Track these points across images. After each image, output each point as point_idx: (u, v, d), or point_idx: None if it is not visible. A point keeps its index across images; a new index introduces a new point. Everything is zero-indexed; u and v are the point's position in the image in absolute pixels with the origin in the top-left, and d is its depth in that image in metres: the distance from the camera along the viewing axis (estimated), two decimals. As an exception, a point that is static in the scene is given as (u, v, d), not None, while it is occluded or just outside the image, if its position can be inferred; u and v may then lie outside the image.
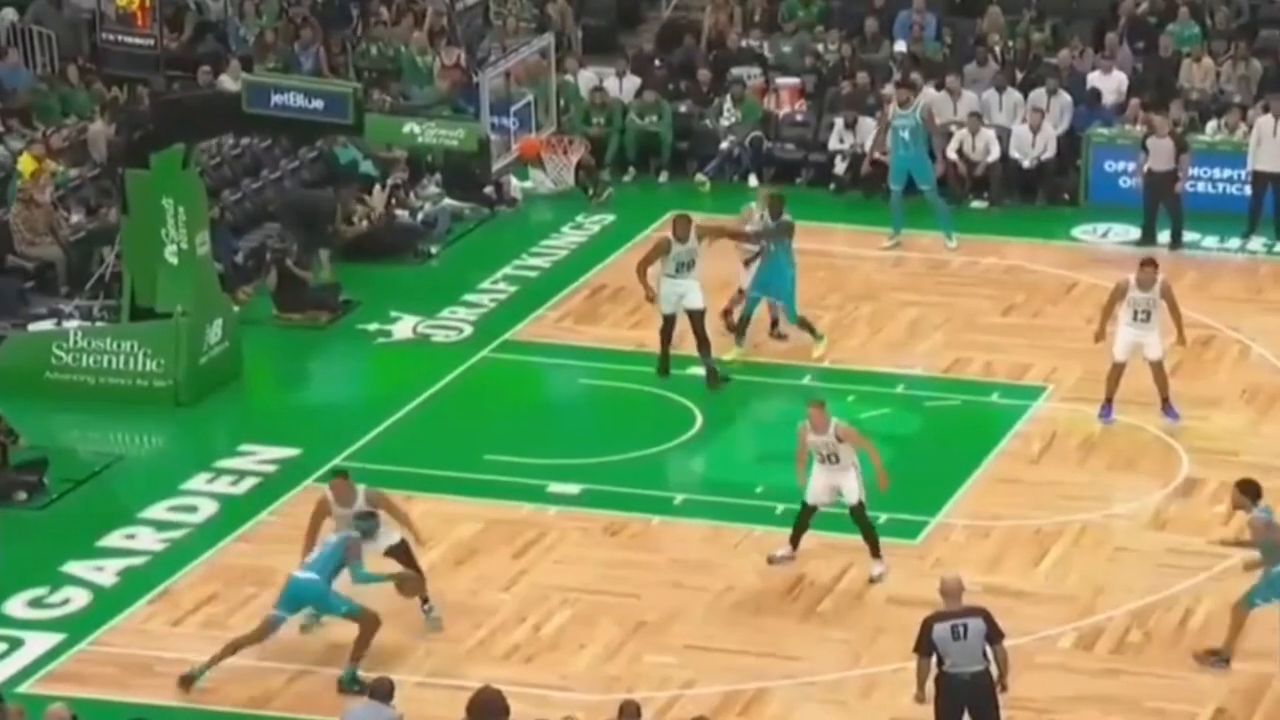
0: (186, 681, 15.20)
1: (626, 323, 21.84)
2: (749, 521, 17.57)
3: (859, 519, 16.57)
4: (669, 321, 20.08)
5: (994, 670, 13.64)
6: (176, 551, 17.24)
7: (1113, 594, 16.39)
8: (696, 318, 19.95)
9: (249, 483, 18.37)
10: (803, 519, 16.73)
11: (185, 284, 20.01)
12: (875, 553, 16.59)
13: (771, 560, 16.77)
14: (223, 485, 18.34)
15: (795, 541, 16.77)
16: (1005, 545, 17.15)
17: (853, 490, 16.49)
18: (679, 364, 20.34)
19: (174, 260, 19.98)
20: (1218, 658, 15.41)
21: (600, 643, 15.87)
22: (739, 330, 20.60)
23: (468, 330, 21.78)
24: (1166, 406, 19.09)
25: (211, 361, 20.25)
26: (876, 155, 24.39)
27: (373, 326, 21.81)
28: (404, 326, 21.82)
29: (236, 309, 21.28)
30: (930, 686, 13.71)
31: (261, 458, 18.77)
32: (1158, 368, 19.06)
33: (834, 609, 16.31)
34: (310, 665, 15.57)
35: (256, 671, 15.45)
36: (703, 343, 19.98)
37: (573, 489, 18.08)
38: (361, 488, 16.00)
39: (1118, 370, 19.03)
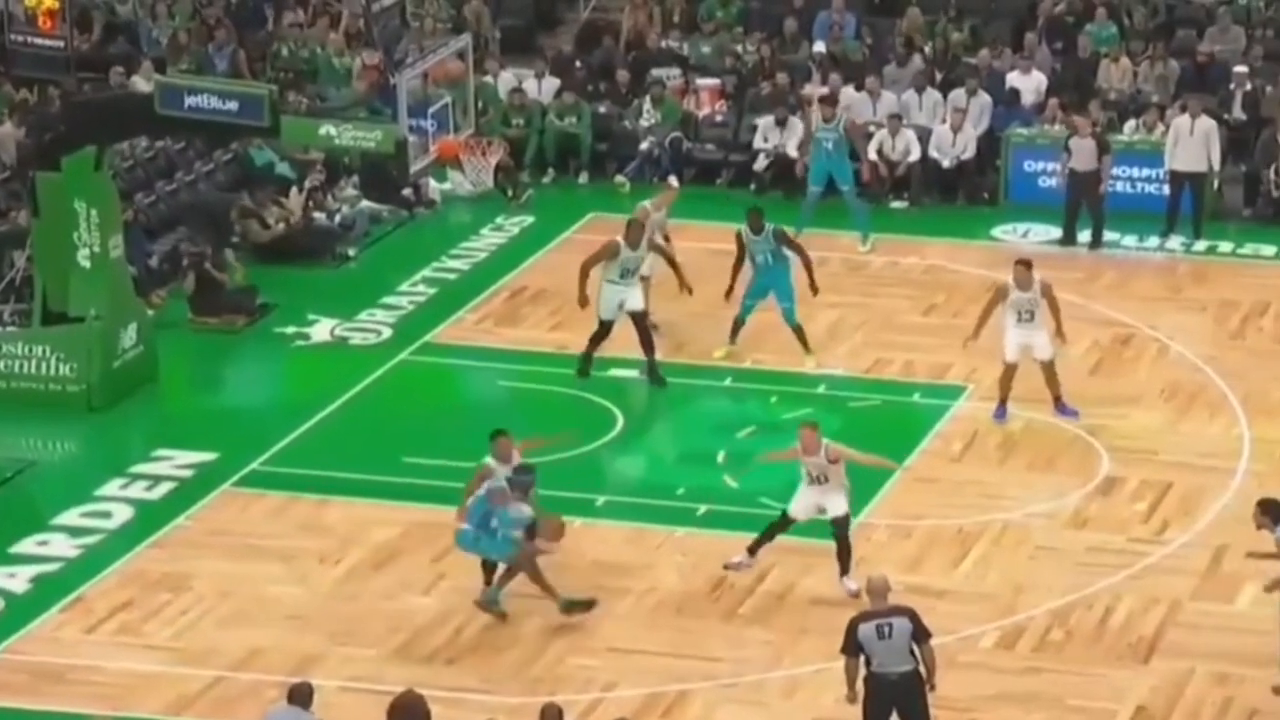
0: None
1: (547, 324, 21.85)
2: (671, 523, 17.61)
3: (839, 533, 16.36)
4: (605, 327, 20.03)
5: (922, 670, 13.70)
6: (90, 558, 17.13)
7: (1034, 593, 16.51)
8: (638, 319, 19.96)
9: (164, 488, 18.28)
10: (774, 530, 16.53)
11: (98, 288, 19.88)
12: (845, 570, 16.39)
13: (728, 567, 16.62)
14: (137, 490, 18.24)
15: (755, 549, 16.55)
16: (927, 545, 17.25)
17: (839, 505, 16.34)
18: (599, 365, 20.36)
19: (86, 264, 19.85)
20: None
21: (522, 645, 15.86)
22: (733, 332, 20.57)
23: (386, 333, 21.73)
24: (1059, 405, 19.25)
25: (125, 365, 20.13)
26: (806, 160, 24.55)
27: (290, 329, 21.74)
28: (322, 329, 21.75)
29: (151, 313, 21.17)
30: (860, 687, 13.75)
31: (177, 462, 18.68)
32: (1047, 368, 19.21)
33: (756, 610, 16.36)
34: (226, 671, 15.50)
35: (172, 677, 15.37)
36: (647, 343, 19.98)
37: (493, 492, 18.04)
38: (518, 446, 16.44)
39: (1010, 371, 19.22)
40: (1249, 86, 25.89)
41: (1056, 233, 24.07)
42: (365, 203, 24.90)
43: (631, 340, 20.24)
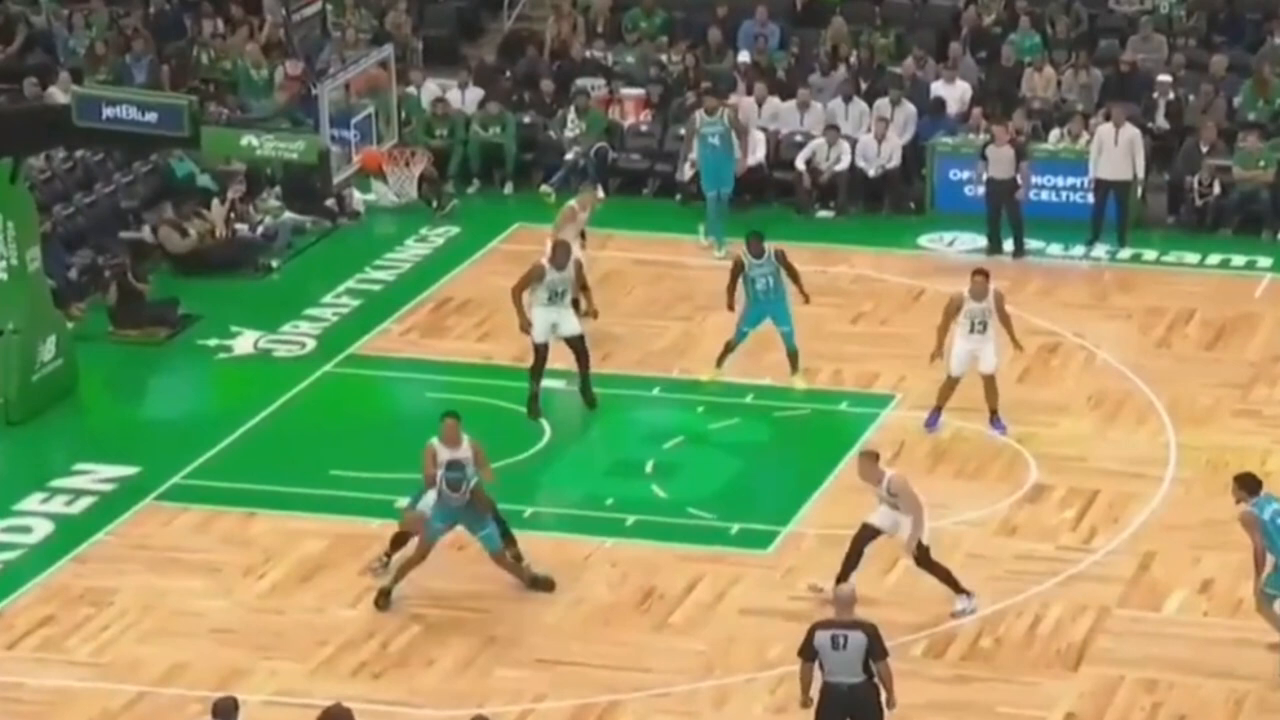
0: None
1: (473, 335, 21.81)
2: (599, 534, 17.60)
3: (921, 564, 16.26)
4: (541, 352, 19.69)
5: (878, 683, 13.71)
6: (10, 573, 16.98)
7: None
8: (576, 342, 19.68)
9: (85, 502, 18.14)
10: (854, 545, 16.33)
11: (16, 300, 19.72)
12: (957, 589, 16.26)
13: (814, 589, 16.46)
14: (58, 505, 18.09)
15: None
16: (856, 553, 17.27)
17: (904, 535, 16.17)
18: (526, 376, 20.28)
19: (4, 276, 19.68)
20: None
21: (450, 658, 15.82)
22: (721, 356, 20.16)
23: (310, 345, 21.64)
24: (994, 419, 19.28)
25: (44, 379, 19.96)
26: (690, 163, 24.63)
27: (213, 342, 21.62)
28: (245, 341, 21.64)
29: (70, 325, 21.00)
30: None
31: (98, 476, 18.54)
32: (990, 381, 19.25)
33: (685, 620, 16.37)
34: (149, 686, 15.38)
35: (95, 693, 15.24)
36: (583, 363, 19.72)
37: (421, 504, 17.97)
38: (467, 438, 16.50)
39: (952, 383, 19.22)
40: (1171, 95, 26.12)
41: (983, 241, 24.22)
42: (288, 214, 24.80)
43: (557, 351, 20.20)
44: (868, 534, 16.31)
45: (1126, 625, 16.26)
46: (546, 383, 20.10)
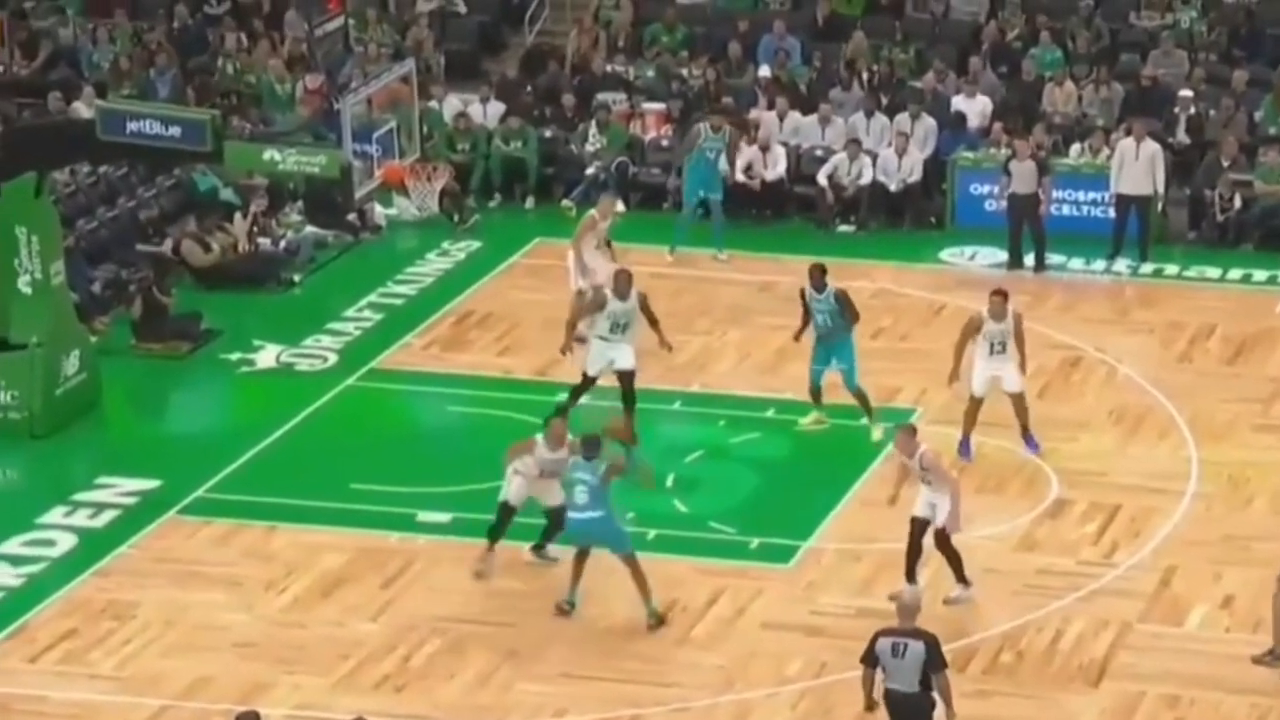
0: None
1: (494, 349, 21.83)
2: (620, 548, 17.60)
3: (940, 544, 16.49)
4: (589, 384, 19.45)
5: (936, 695, 13.76)
6: (33, 587, 17.01)
7: (984, 616, 16.56)
8: (626, 378, 19.34)
9: (108, 515, 18.17)
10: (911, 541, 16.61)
11: (40, 314, 19.77)
12: (960, 577, 16.50)
13: (947, 601, 16.54)
14: (81, 518, 18.13)
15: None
16: (877, 568, 17.28)
17: (938, 517, 16.41)
18: (549, 390, 20.33)
19: (28, 290, 19.74)
20: (1274, 656, 15.52)
21: (471, 671, 15.83)
22: (813, 398, 19.68)
23: (332, 359, 21.67)
24: (1027, 437, 19.20)
25: (68, 393, 20.01)
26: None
27: (235, 356, 21.65)
28: (267, 355, 21.68)
29: (94, 339, 21.05)
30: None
31: (121, 490, 18.57)
32: (1018, 399, 19.17)
33: (707, 634, 16.36)
34: (172, 700, 15.40)
35: (118, 707, 15.27)
36: (630, 402, 19.38)
37: (442, 517, 18.03)
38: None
39: (975, 405, 19.14)
40: (1192, 110, 26.10)
41: (1003, 255, 24.20)
42: (310, 228, 24.85)
43: (579, 364, 20.19)
44: (917, 528, 16.54)
45: (1148, 641, 16.23)
46: (564, 396, 20.11)
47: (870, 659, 13.84)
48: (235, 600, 16.79)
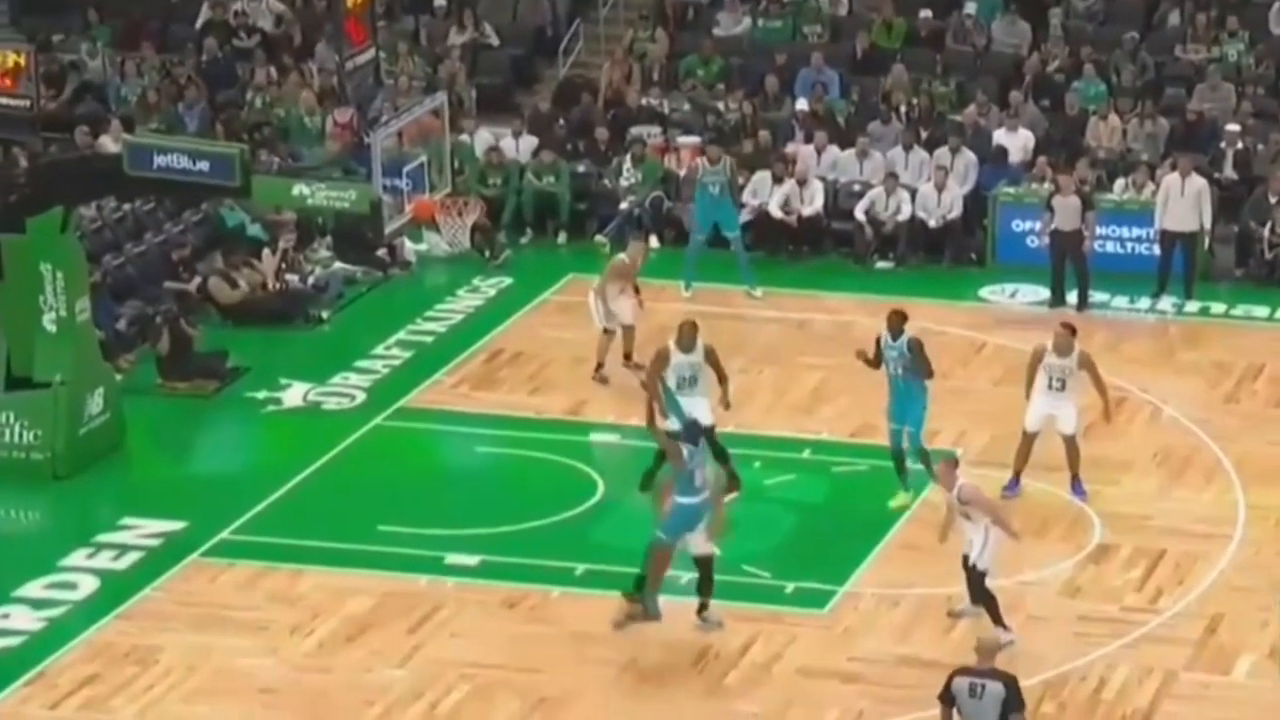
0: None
1: (525, 388, 21.79)
2: (653, 592, 17.51)
3: (972, 584, 16.54)
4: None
5: None
6: (54, 631, 16.97)
7: (1026, 663, 16.36)
8: (711, 432, 18.57)
9: (131, 557, 18.15)
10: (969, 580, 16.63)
11: (64, 352, 19.79)
12: (997, 621, 16.42)
13: (952, 614, 16.81)
14: (103, 560, 18.10)
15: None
16: (916, 614, 17.16)
17: (974, 552, 16.43)
18: (581, 430, 20.27)
19: (52, 328, 19.76)
20: None
21: (499, 719, 15.73)
22: (897, 469, 18.90)
23: (360, 397, 21.65)
24: (1076, 484, 19.01)
25: (92, 432, 20.02)
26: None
27: (262, 394, 21.65)
28: (294, 394, 21.67)
29: (119, 378, 21.07)
30: None
31: (144, 531, 18.55)
32: (1071, 444, 18.94)
33: (741, 681, 16.25)
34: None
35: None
36: (720, 454, 18.77)
37: (471, 560, 17.97)
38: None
39: (1028, 441, 18.96)
40: (1240, 145, 25.97)
41: (1045, 293, 24.09)
42: (339, 264, 24.88)
43: (610, 403, 20.19)
44: (967, 565, 16.57)
45: (1194, 690, 16.08)
46: (599, 436, 20.06)
47: (947, 698, 13.75)
48: (260, 645, 16.74)
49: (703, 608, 16.77)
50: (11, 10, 31.38)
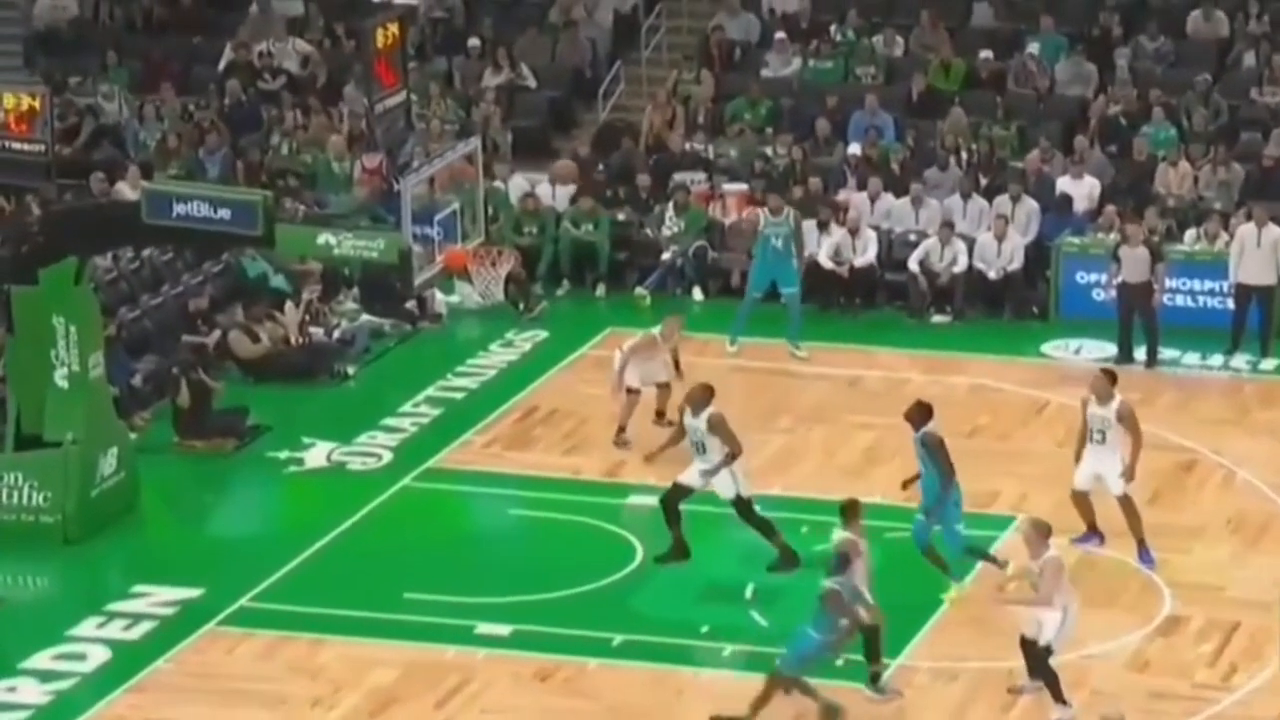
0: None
1: (560, 448, 21.77)
2: (694, 664, 17.44)
3: (1030, 656, 16.50)
4: (742, 505, 18.87)
5: None
6: (63, 704, 16.94)
7: (1091, 742, 16.32)
8: (738, 510, 18.81)
9: (144, 627, 18.14)
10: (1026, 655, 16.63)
11: (76, 409, 19.85)
12: (1058, 698, 16.38)
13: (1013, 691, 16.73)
14: (115, 630, 18.10)
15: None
16: (974, 689, 17.05)
17: (1047, 633, 16.35)
18: (618, 492, 20.22)
19: (64, 384, 19.82)
20: None
21: (531, 800, 15.71)
22: (939, 566, 18.74)
23: (387, 457, 21.66)
24: (1142, 550, 18.90)
25: (104, 494, 20.05)
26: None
27: (283, 454, 21.68)
28: (317, 454, 21.70)
29: (133, 436, 21.12)
30: None
31: (158, 599, 18.56)
32: (1125, 504, 18.85)
33: (788, 761, 16.18)
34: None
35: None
36: (760, 528, 18.85)
37: (502, 630, 17.92)
38: None
39: (1078, 500, 18.97)
40: (1319, 192, 25.90)
41: (1112, 349, 24.00)
42: (366, 316, 24.94)
43: (649, 468, 20.09)
44: (1027, 645, 16.49)
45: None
46: (635, 499, 20.01)
47: None
48: (278, 719, 16.68)
49: (876, 678, 16.79)
50: (26, 50, 31.62)
